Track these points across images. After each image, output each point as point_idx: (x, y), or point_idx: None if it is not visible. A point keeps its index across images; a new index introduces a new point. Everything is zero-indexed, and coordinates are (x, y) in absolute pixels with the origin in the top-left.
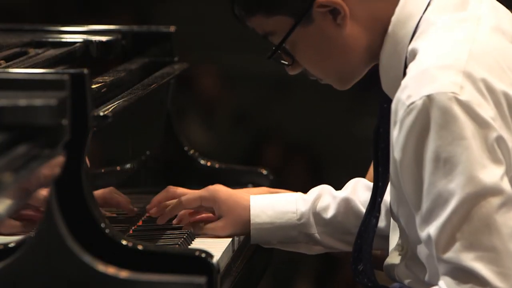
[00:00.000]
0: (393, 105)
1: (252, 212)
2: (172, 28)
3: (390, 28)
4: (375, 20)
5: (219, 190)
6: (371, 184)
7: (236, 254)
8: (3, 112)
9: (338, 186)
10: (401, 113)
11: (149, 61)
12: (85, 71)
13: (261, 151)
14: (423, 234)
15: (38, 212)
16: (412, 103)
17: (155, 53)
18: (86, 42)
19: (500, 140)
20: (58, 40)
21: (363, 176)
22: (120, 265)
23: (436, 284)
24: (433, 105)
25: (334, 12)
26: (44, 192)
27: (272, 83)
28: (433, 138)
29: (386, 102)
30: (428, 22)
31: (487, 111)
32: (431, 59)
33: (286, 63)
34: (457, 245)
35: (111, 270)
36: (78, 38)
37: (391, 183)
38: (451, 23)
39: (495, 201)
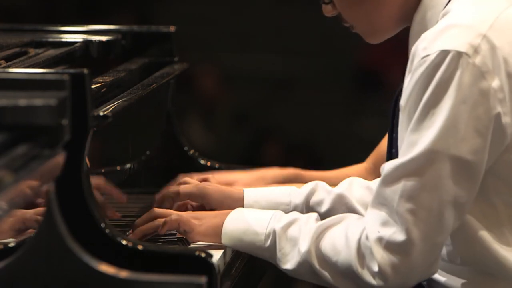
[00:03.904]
0: (411, 54)
1: (246, 202)
2: (172, 28)
3: None
4: None
5: (208, 186)
6: (367, 182)
7: (236, 254)
8: (3, 112)
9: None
10: (415, 63)
11: (149, 61)
12: (85, 71)
13: (261, 151)
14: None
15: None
16: (427, 55)
17: (155, 53)
18: (86, 42)
19: (492, 112)
20: (58, 40)
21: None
22: (120, 265)
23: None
24: (444, 60)
25: None
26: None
27: (272, 83)
28: (431, 91)
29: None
30: None
31: (493, 80)
32: (456, 18)
33: (325, 1)
34: (399, 189)
35: (111, 270)
36: (78, 38)
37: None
38: None
39: (453, 168)
